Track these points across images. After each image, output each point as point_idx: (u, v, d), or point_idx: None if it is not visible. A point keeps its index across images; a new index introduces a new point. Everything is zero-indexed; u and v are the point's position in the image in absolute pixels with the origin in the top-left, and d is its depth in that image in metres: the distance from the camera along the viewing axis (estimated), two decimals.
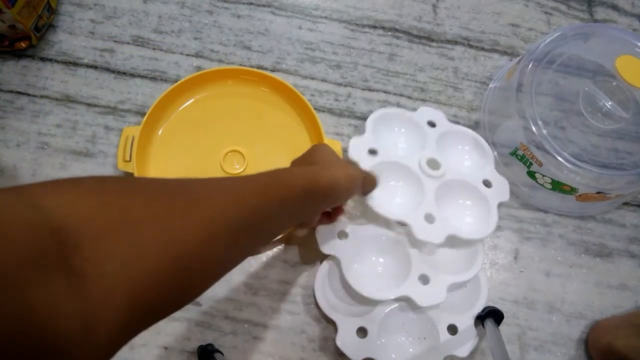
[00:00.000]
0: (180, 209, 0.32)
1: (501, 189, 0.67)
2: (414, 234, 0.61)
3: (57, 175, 0.68)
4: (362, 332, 0.62)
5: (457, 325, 0.63)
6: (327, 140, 0.69)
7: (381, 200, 0.62)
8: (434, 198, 0.64)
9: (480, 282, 0.65)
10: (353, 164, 0.63)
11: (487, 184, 0.67)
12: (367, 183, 0.59)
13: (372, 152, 0.66)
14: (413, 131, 0.70)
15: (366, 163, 0.65)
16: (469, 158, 0.71)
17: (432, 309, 0.62)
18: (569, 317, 0.68)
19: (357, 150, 0.66)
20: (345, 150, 0.71)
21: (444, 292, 0.61)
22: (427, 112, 0.71)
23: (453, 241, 0.63)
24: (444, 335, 0.62)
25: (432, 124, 0.70)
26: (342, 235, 0.64)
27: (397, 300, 0.62)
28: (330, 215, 0.63)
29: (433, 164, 0.66)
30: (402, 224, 0.63)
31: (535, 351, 0.66)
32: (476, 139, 0.71)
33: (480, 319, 0.63)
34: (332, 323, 0.64)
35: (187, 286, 0.33)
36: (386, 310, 0.62)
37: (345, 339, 0.61)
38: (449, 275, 0.62)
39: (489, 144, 0.73)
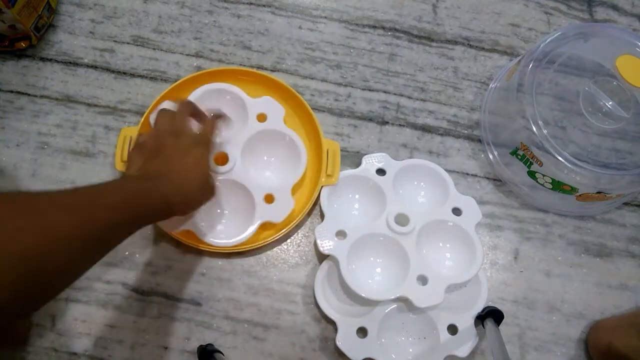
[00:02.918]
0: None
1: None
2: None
3: (57, 175, 0.68)
4: (362, 332, 0.62)
5: (457, 325, 0.63)
6: (325, 140, 0.69)
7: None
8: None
9: (480, 281, 0.65)
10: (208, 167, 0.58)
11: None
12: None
13: (341, 234, 0.65)
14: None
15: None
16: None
17: (432, 309, 0.62)
18: (569, 317, 0.68)
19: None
20: (350, 154, 0.71)
21: (442, 293, 0.61)
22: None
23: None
24: (444, 335, 0.62)
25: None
26: (341, 234, 0.64)
27: (395, 301, 0.62)
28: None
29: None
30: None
31: (535, 351, 0.66)
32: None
33: (480, 318, 0.63)
34: (332, 323, 0.64)
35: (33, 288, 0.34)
36: (386, 310, 0.62)
37: (346, 339, 0.61)
38: (448, 276, 0.62)
39: (489, 144, 0.73)
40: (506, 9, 0.82)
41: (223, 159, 0.65)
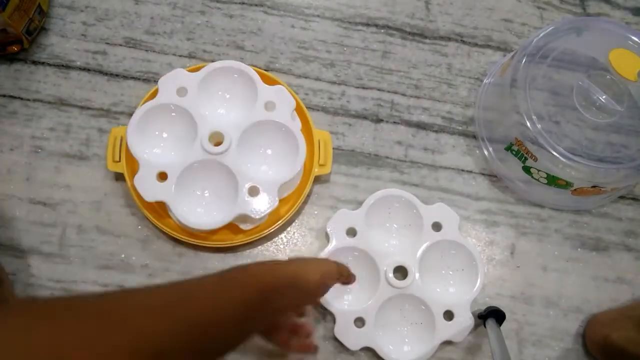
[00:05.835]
0: (91, 336, 0.29)
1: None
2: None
3: (51, 179, 0.68)
4: (360, 322, 0.62)
5: (453, 311, 0.63)
6: (316, 130, 0.69)
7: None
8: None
9: (477, 268, 0.65)
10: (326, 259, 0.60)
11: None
12: (343, 275, 0.53)
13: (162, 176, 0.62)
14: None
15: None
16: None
17: (427, 296, 0.63)
18: (566, 311, 0.68)
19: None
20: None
21: (276, 197, 0.62)
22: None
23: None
24: (440, 321, 0.62)
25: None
26: (162, 177, 0.62)
27: (235, 220, 0.63)
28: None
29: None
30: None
31: (533, 346, 0.66)
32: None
33: (482, 318, 0.64)
34: (329, 321, 0.64)
35: None
36: (383, 300, 0.62)
37: (343, 330, 0.61)
38: (276, 178, 0.63)
39: (484, 140, 0.73)
40: (499, 4, 0.82)
41: (218, 140, 0.64)
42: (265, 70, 0.74)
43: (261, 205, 0.62)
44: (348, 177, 0.71)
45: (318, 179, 0.70)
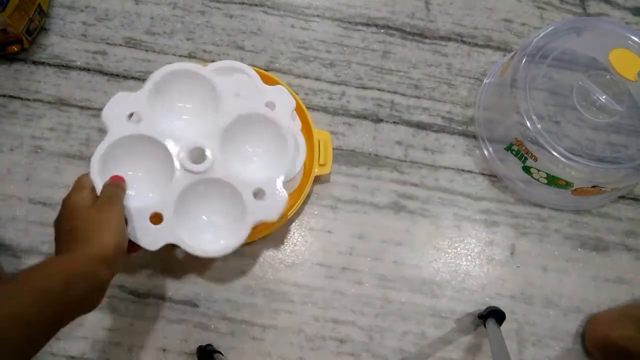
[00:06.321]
0: None
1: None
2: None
3: (51, 179, 0.68)
4: (157, 218, 0.53)
5: (264, 189, 0.56)
6: (316, 131, 0.69)
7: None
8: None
9: (286, 140, 0.58)
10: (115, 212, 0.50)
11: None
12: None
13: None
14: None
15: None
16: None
17: (232, 177, 0.55)
18: (566, 311, 0.68)
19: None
20: None
21: (284, 192, 0.56)
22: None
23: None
24: (250, 201, 0.55)
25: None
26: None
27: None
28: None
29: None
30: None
31: (533, 346, 0.66)
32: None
33: (482, 318, 0.64)
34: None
35: None
36: (181, 189, 0.54)
37: (138, 229, 0.52)
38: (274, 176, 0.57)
39: (484, 140, 0.73)
40: (499, 4, 0.82)
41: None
42: (266, 70, 0.74)
43: (271, 206, 0.56)
44: (348, 177, 0.71)
45: (318, 179, 0.70)
